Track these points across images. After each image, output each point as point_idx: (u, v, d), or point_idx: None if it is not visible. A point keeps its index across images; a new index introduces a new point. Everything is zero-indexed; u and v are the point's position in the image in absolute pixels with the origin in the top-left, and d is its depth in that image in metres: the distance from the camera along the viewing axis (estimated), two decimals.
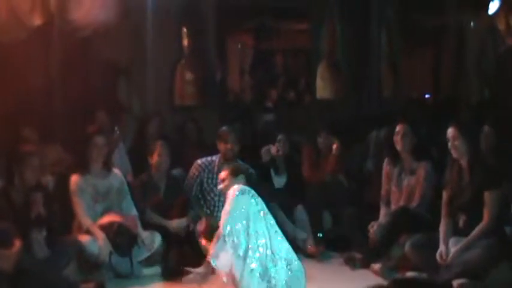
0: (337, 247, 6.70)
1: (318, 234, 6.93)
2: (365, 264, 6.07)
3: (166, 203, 6.45)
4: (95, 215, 5.92)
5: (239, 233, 4.61)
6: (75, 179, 5.93)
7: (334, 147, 7.35)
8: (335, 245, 6.77)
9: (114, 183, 6.10)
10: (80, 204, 5.87)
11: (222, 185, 5.02)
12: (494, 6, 9.74)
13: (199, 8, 9.14)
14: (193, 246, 6.11)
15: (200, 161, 6.56)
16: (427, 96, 11.81)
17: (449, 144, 5.43)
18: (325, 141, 7.46)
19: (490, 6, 9.78)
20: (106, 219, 5.89)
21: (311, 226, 6.85)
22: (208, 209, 6.46)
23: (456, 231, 5.43)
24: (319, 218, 7.08)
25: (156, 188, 6.54)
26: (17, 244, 5.04)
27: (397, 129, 6.23)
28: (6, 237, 5.01)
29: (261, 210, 4.71)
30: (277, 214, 6.48)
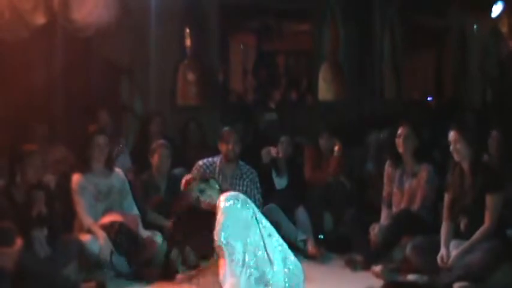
0: (338, 249, 6.69)
1: (319, 236, 6.94)
2: (366, 266, 6.05)
3: (167, 203, 6.45)
4: (96, 214, 5.92)
5: (235, 241, 4.42)
6: (76, 178, 5.94)
7: (336, 148, 7.36)
8: (336, 246, 6.77)
9: (115, 182, 6.10)
10: (81, 204, 5.87)
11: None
12: (497, 9, 9.75)
13: (202, 8, 9.13)
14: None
15: (201, 162, 6.55)
16: (429, 99, 11.81)
17: (451, 147, 5.43)
18: (327, 143, 7.47)
19: (493, 9, 9.78)
20: (107, 219, 5.89)
21: (312, 227, 6.85)
22: None
23: (457, 234, 5.43)
24: (320, 219, 7.09)
25: (157, 188, 6.55)
26: (19, 242, 5.06)
27: (399, 131, 6.22)
28: (8, 236, 5.02)
29: (253, 214, 4.51)
30: (278, 215, 6.52)
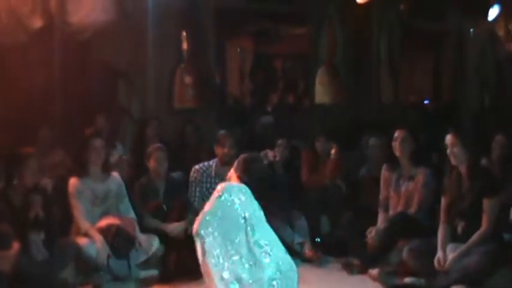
0: (335, 252, 6.69)
1: (315, 239, 6.93)
2: (363, 270, 6.07)
3: (165, 206, 6.45)
4: (93, 218, 5.91)
5: (210, 237, 4.30)
6: (73, 182, 5.93)
7: (333, 152, 7.35)
8: (333, 249, 6.76)
9: (112, 186, 6.09)
10: (78, 207, 5.86)
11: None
12: (494, 12, 9.76)
13: (199, 12, 9.13)
14: (192, 250, 6.09)
15: (198, 166, 6.61)
16: (426, 102, 11.82)
17: (448, 151, 5.43)
18: (324, 146, 7.47)
19: (489, 13, 9.79)
20: (104, 222, 5.88)
21: (309, 231, 6.85)
22: None
23: (454, 238, 5.43)
24: (317, 222, 7.08)
25: (156, 191, 6.54)
26: (16, 246, 5.06)
27: (396, 134, 6.22)
28: (5, 239, 5.02)
29: (243, 215, 4.19)
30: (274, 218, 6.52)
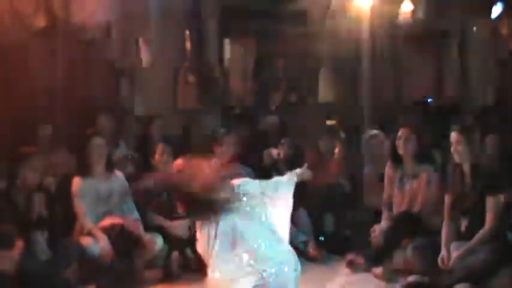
0: (338, 250, 6.67)
1: (319, 238, 6.92)
2: (367, 268, 6.06)
3: (168, 204, 6.44)
4: (97, 217, 5.91)
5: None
6: (77, 181, 5.93)
7: (337, 150, 7.34)
8: (337, 248, 6.76)
9: (116, 185, 6.09)
10: (81, 207, 5.86)
11: None
12: (497, 10, 9.75)
13: (202, 11, 9.14)
14: (195, 249, 6.09)
15: None
16: (429, 100, 11.80)
17: (452, 149, 5.41)
18: (328, 145, 7.45)
19: (492, 10, 9.78)
20: (107, 222, 5.88)
21: (313, 229, 6.84)
22: None
23: (458, 236, 5.42)
24: (320, 221, 7.07)
25: None
26: (19, 245, 5.05)
27: (400, 133, 6.21)
28: (8, 239, 5.01)
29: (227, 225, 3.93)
30: None
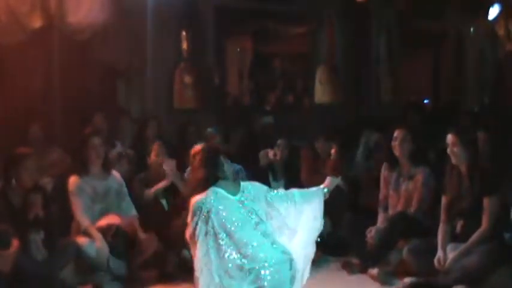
0: (334, 252, 6.67)
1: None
2: (363, 269, 6.06)
3: (164, 203, 6.45)
4: (93, 216, 5.91)
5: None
6: (73, 180, 5.93)
7: (333, 151, 7.33)
8: (333, 249, 6.75)
9: (112, 184, 6.09)
10: (78, 204, 5.85)
11: None
12: (493, 11, 9.75)
13: (199, 11, 9.14)
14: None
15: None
16: (426, 102, 11.81)
17: (449, 150, 5.43)
18: (324, 146, 7.44)
19: (489, 12, 9.79)
20: (104, 222, 5.88)
21: None
22: None
23: (454, 237, 5.43)
24: None
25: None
26: (15, 244, 5.05)
27: (395, 134, 6.22)
28: (4, 238, 5.01)
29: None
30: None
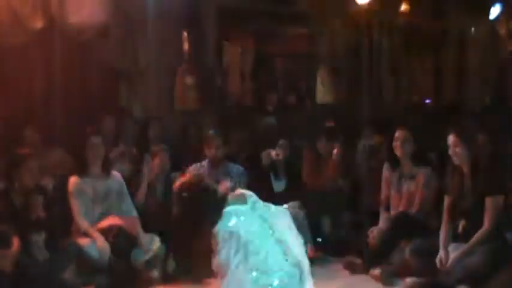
0: (336, 252, 6.68)
1: (317, 239, 6.92)
2: (364, 270, 6.05)
3: (164, 205, 6.44)
4: (94, 217, 5.91)
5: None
6: (73, 180, 5.93)
7: (335, 152, 7.34)
8: (334, 249, 6.76)
9: (113, 185, 6.08)
10: (77, 206, 5.85)
11: None
12: (495, 11, 9.75)
13: (200, 12, 9.13)
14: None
15: (191, 168, 6.62)
16: (427, 102, 11.81)
17: (450, 151, 5.42)
18: (326, 146, 7.44)
19: (491, 12, 9.79)
20: (106, 223, 5.87)
21: (310, 231, 6.83)
22: None
23: (456, 237, 5.42)
24: (318, 222, 7.07)
25: (154, 190, 6.55)
26: (16, 244, 5.04)
27: (397, 134, 6.22)
28: (5, 238, 5.01)
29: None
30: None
